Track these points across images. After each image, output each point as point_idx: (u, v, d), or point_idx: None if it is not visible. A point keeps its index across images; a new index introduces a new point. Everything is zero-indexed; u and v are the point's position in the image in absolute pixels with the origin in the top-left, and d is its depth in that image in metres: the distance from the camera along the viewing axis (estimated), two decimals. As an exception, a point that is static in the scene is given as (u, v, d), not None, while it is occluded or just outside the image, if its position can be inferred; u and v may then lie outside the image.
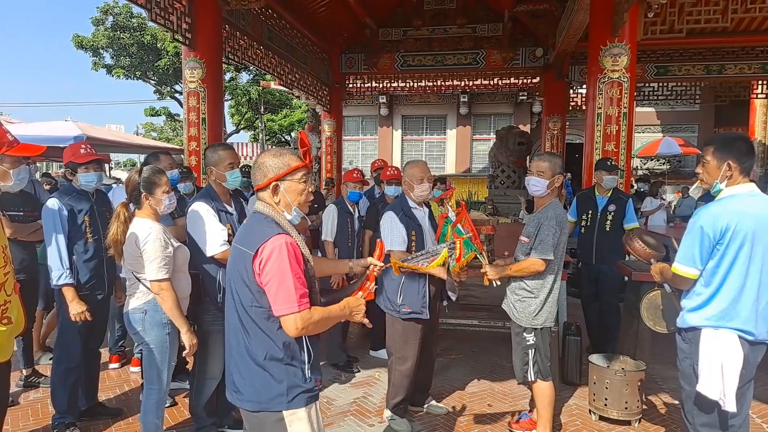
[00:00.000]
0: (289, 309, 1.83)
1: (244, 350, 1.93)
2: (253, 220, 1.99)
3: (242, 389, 1.95)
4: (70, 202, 3.29)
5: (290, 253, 1.85)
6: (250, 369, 1.92)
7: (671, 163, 17.09)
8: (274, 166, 1.97)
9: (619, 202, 4.70)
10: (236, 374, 1.97)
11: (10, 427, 3.52)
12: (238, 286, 1.91)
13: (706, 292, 2.42)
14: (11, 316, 2.33)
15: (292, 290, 1.83)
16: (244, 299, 1.90)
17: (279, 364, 1.90)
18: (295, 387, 1.92)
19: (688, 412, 2.55)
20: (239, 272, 1.90)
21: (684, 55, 10.39)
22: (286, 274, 1.83)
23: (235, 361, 1.96)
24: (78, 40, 22.05)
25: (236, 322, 1.94)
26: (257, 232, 1.90)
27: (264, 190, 1.98)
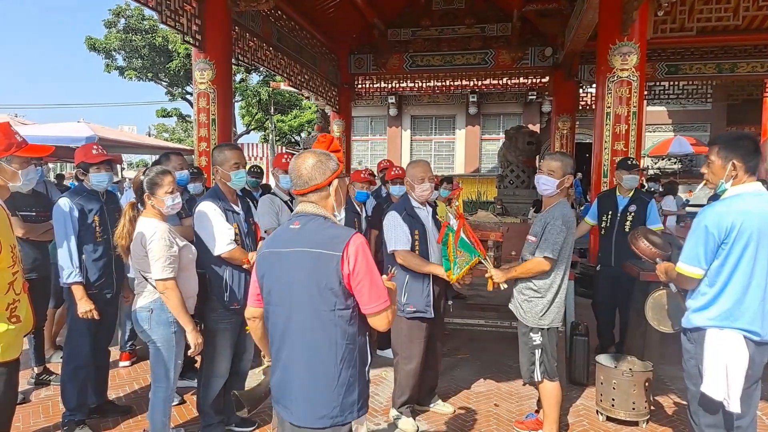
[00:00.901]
0: (383, 305, 1.82)
1: (317, 361, 1.83)
2: (313, 223, 1.89)
3: (310, 406, 1.83)
4: (81, 201, 3.34)
5: (370, 250, 1.86)
6: (324, 381, 1.82)
7: (683, 163, 16.93)
8: (330, 165, 1.94)
9: (640, 202, 4.58)
10: (300, 392, 1.85)
11: (21, 424, 3.57)
12: (314, 290, 1.81)
13: (711, 292, 2.40)
14: (20, 315, 2.36)
15: (381, 285, 1.84)
16: (323, 304, 1.81)
17: (354, 371, 1.84)
18: (363, 393, 1.89)
19: (694, 412, 2.53)
20: (317, 277, 1.80)
21: (695, 53, 10.27)
22: (374, 272, 1.83)
23: (301, 377, 1.84)
24: (91, 42, 22.29)
25: (311, 334, 1.83)
26: (333, 234, 1.84)
27: (322, 190, 1.92)
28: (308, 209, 1.92)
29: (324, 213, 1.92)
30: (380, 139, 19.16)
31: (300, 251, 1.84)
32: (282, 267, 1.87)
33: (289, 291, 1.86)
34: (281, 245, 1.90)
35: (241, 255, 3.15)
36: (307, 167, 1.92)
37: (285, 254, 1.87)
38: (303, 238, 1.86)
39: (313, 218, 1.90)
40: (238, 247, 3.14)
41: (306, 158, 1.94)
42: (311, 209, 1.92)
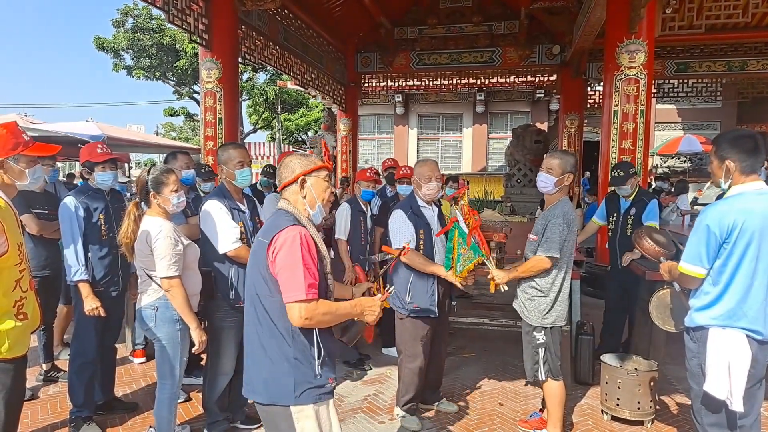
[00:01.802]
0: (295, 296, 1.85)
1: (257, 343, 1.98)
2: (275, 215, 2.06)
3: (254, 382, 2.00)
4: (86, 200, 3.37)
5: (303, 244, 1.89)
6: (261, 362, 1.97)
7: (692, 161, 16.79)
8: (300, 163, 2.08)
9: (640, 204, 4.56)
10: (250, 367, 2.02)
11: (30, 420, 3.61)
12: (255, 277, 1.97)
13: (714, 291, 2.39)
14: (27, 312, 2.39)
15: (301, 278, 1.85)
16: (259, 290, 1.95)
17: (288, 358, 1.93)
18: (303, 383, 1.94)
19: (697, 411, 2.53)
20: (256, 263, 1.97)
21: (704, 51, 10.20)
22: (296, 263, 1.86)
23: (250, 354, 2.02)
24: (99, 42, 22.47)
25: (252, 314, 2.00)
26: (274, 225, 1.97)
27: (291, 186, 2.07)
28: (281, 204, 2.09)
29: (289, 208, 2.05)
30: (387, 138, 19.17)
31: (256, 240, 2.05)
32: (250, 255, 2.07)
33: (248, 277, 2.05)
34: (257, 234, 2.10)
35: (246, 253, 3.14)
36: (282, 166, 2.12)
37: (254, 242, 2.08)
38: (262, 229, 2.07)
39: (278, 212, 2.07)
40: (243, 246, 3.16)
41: (285, 158, 2.14)
42: (282, 204, 2.08)
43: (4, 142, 2.33)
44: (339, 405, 3.92)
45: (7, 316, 2.29)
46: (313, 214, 2.09)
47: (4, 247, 2.25)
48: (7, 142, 2.34)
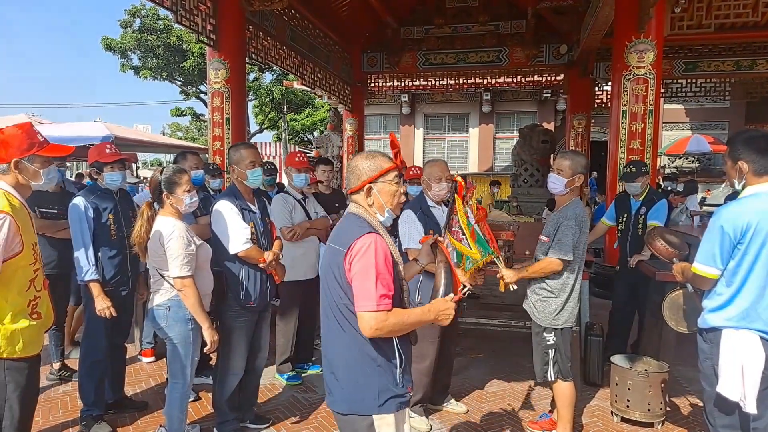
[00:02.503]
0: (366, 306, 1.81)
1: (338, 351, 1.94)
2: (346, 221, 2.00)
3: (334, 390, 1.95)
4: (95, 200, 3.38)
5: (378, 252, 1.84)
6: (343, 370, 1.93)
7: (700, 161, 16.71)
8: (367, 168, 1.98)
9: (650, 203, 4.53)
10: (329, 375, 1.98)
11: (41, 419, 3.63)
12: (331, 284, 1.92)
13: (727, 293, 2.38)
14: (41, 311, 2.41)
15: (373, 288, 1.81)
16: (336, 297, 1.91)
17: (372, 365, 1.89)
18: (386, 391, 1.90)
19: (709, 413, 2.52)
20: (332, 270, 1.92)
21: (713, 50, 10.14)
22: (370, 272, 1.82)
23: (329, 362, 1.98)
24: (107, 42, 22.56)
25: (332, 322, 1.94)
26: (349, 231, 1.91)
27: (358, 193, 2.00)
28: (351, 209, 2.03)
29: (360, 212, 1.98)
30: (393, 138, 19.14)
31: (329, 246, 1.99)
32: (323, 261, 2.03)
33: (323, 284, 1.98)
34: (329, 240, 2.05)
35: (257, 254, 3.17)
36: (348, 170, 2.04)
37: (327, 249, 2.02)
38: (333, 235, 2.01)
39: (348, 217, 2.01)
40: (254, 246, 3.17)
41: (357, 159, 2.04)
42: (353, 208, 2.02)
43: (19, 143, 2.35)
44: (348, 405, 3.92)
45: (21, 315, 2.32)
46: (383, 220, 2.01)
47: (19, 246, 2.28)
48: (22, 142, 2.36)
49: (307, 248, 4.24)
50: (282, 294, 4.15)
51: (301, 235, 4.11)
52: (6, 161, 2.34)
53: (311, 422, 3.67)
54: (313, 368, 4.54)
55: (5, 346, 2.26)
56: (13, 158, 2.34)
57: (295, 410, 3.83)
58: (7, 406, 2.31)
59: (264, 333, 3.45)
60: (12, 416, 2.32)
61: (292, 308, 4.26)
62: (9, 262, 2.25)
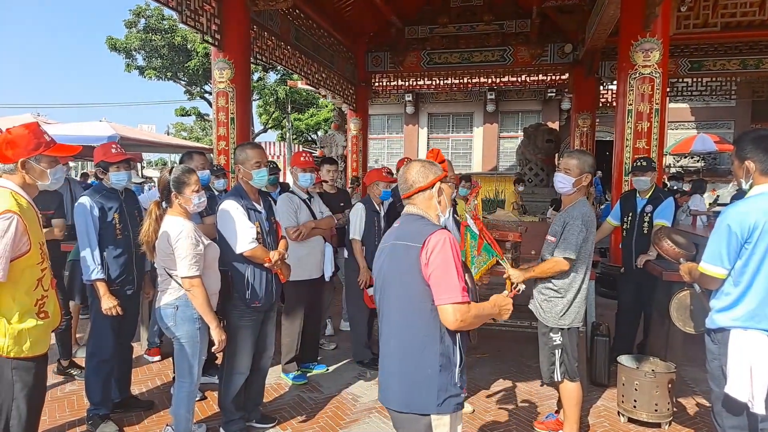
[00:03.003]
0: (450, 299, 1.85)
1: (401, 349, 1.96)
2: (408, 220, 2.07)
3: (392, 388, 1.98)
4: (101, 200, 3.39)
5: (453, 247, 1.91)
6: (404, 369, 1.95)
7: (706, 161, 16.63)
8: (433, 169, 2.09)
9: (656, 201, 4.49)
10: (386, 372, 2.02)
11: (48, 418, 3.64)
12: (401, 281, 1.96)
13: (735, 292, 2.37)
14: (48, 311, 2.41)
15: (456, 281, 1.86)
16: (408, 293, 1.94)
17: (434, 364, 1.91)
18: (445, 391, 1.93)
19: (717, 414, 2.51)
20: (401, 267, 1.96)
21: (719, 49, 10.08)
22: (450, 266, 1.87)
23: (388, 359, 2.01)
24: (112, 42, 22.62)
25: (397, 320, 1.98)
26: (419, 229, 1.97)
27: (424, 192, 2.06)
28: (410, 210, 2.10)
29: (423, 214, 2.06)
30: (397, 137, 19.14)
31: (395, 245, 2.02)
32: (381, 260, 2.09)
33: (388, 283, 2.03)
34: (385, 241, 2.12)
35: (262, 253, 3.17)
36: (413, 173, 2.09)
37: (386, 248, 2.08)
38: (398, 234, 2.05)
39: (409, 217, 2.08)
40: (260, 246, 3.17)
41: (412, 165, 2.12)
42: (412, 210, 2.09)
43: (26, 143, 2.36)
44: (353, 405, 3.93)
45: (28, 314, 2.32)
46: (444, 219, 2.10)
47: (26, 246, 2.28)
48: (29, 142, 2.36)
49: (312, 248, 4.24)
50: (287, 293, 4.15)
51: (306, 234, 4.12)
52: (13, 161, 2.34)
53: (317, 422, 3.67)
54: (318, 368, 4.54)
55: (12, 346, 2.26)
56: (20, 158, 2.34)
57: (300, 410, 3.83)
58: (15, 406, 2.31)
59: (269, 332, 3.45)
60: (20, 415, 2.33)
61: (297, 308, 4.27)
62: (16, 262, 2.25)
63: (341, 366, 4.69)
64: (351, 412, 3.82)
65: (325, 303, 5.00)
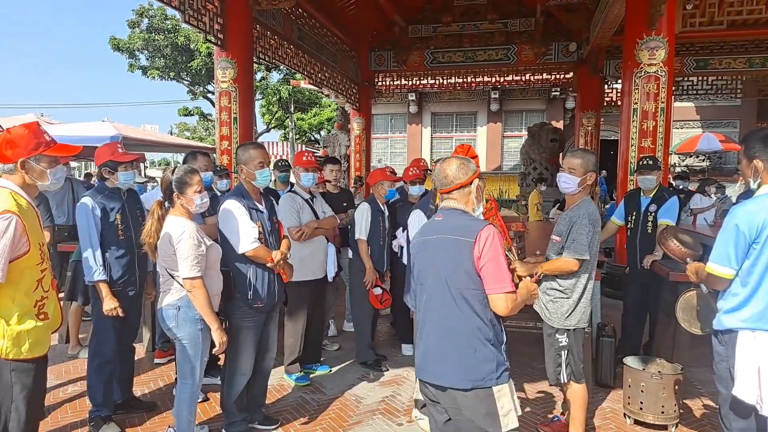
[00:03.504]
0: (503, 288, 2.06)
1: (459, 334, 2.12)
2: (452, 215, 2.21)
3: (454, 371, 2.12)
4: (103, 200, 3.37)
5: (500, 240, 2.11)
6: (464, 352, 2.11)
7: (711, 160, 16.55)
8: (471, 166, 2.27)
9: (660, 200, 4.45)
10: (443, 358, 2.15)
11: (50, 419, 3.63)
12: (453, 272, 2.11)
13: (743, 293, 2.33)
14: (48, 312, 2.39)
15: (506, 272, 2.08)
16: (460, 284, 2.10)
17: (488, 344, 2.11)
18: (501, 364, 2.13)
19: (725, 416, 2.47)
20: (453, 260, 2.11)
21: (725, 47, 10.04)
22: (500, 259, 2.08)
23: (449, 347, 2.14)
24: (115, 42, 22.66)
25: (453, 308, 2.12)
26: (467, 224, 2.15)
27: (464, 188, 2.23)
28: (450, 205, 2.25)
29: (464, 208, 2.24)
30: (400, 137, 19.12)
31: (445, 238, 2.15)
32: (428, 251, 2.20)
33: (433, 271, 2.17)
34: (429, 234, 2.24)
35: (265, 253, 3.15)
36: (452, 169, 2.24)
37: (431, 241, 2.20)
38: (445, 227, 2.18)
39: (452, 212, 2.23)
40: (262, 246, 3.15)
41: (451, 162, 2.27)
42: (453, 204, 2.24)
43: (25, 142, 2.34)
44: (357, 406, 3.90)
45: (28, 315, 2.31)
46: (478, 213, 2.28)
47: (25, 246, 2.26)
48: (28, 142, 2.35)
49: (314, 248, 4.22)
50: (290, 294, 4.13)
51: (309, 234, 4.09)
52: (13, 161, 2.33)
53: (320, 423, 3.64)
54: (321, 369, 4.51)
55: (11, 347, 2.24)
56: (20, 158, 2.33)
57: (303, 411, 3.81)
58: (14, 407, 2.30)
59: (272, 333, 3.43)
60: (19, 417, 2.31)
61: (300, 308, 4.24)
62: (16, 263, 2.23)
63: (344, 367, 4.67)
64: (354, 413, 3.79)
65: (328, 303, 4.98)
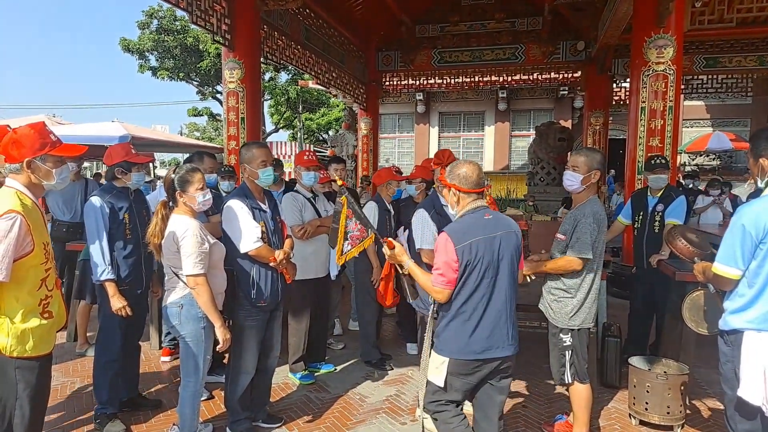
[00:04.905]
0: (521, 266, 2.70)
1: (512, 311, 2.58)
2: (493, 212, 2.59)
3: (514, 339, 2.60)
4: (111, 200, 3.40)
5: None
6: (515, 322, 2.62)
7: (722, 159, 16.39)
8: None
9: (667, 200, 4.41)
10: (514, 329, 2.60)
11: (56, 416, 3.66)
12: (515, 258, 2.54)
13: (749, 294, 2.30)
14: (52, 310, 2.42)
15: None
16: (516, 267, 2.56)
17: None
18: None
19: (730, 417, 2.45)
20: (518, 249, 2.57)
21: (735, 45, 9.93)
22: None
23: (512, 320, 2.58)
24: (125, 43, 22.85)
25: (512, 289, 2.55)
26: (509, 219, 2.62)
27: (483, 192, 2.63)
28: (485, 203, 2.61)
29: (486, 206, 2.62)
30: (408, 137, 19.11)
31: (508, 233, 2.52)
32: (499, 245, 2.47)
33: (505, 261, 2.49)
34: (491, 231, 2.48)
35: (267, 253, 3.16)
36: (481, 173, 2.61)
37: (499, 236, 2.49)
38: (502, 224, 2.55)
39: (489, 210, 2.59)
40: (265, 245, 3.15)
41: (475, 166, 2.62)
42: (484, 203, 2.60)
43: (31, 142, 2.36)
44: (361, 405, 3.90)
45: (32, 314, 2.33)
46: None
47: (29, 246, 2.28)
48: (34, 142, 2.37)
49: (317, 246, 4.22)
50: (293, 293, 4.14)
51: (311, 233, 4.09)
52: (18, 161, 2.35)
53: (324, 421, 3.65)
54: (326, 367, 4.52)
55: (15, 345, 2.27)
56: (26, 158, 2.35)
57: (307, 409, 3.82)
58: (18, 405, 2.32)
59: (275, 332, 3.44)
60: (23, 415, 2.33)
61: (303, 307, 4.24)
62: (20, 262, 2.25)
63: (349, 366, 4.67)
64: (358, 412, 3.79)
65: (332, 302, 4.98)
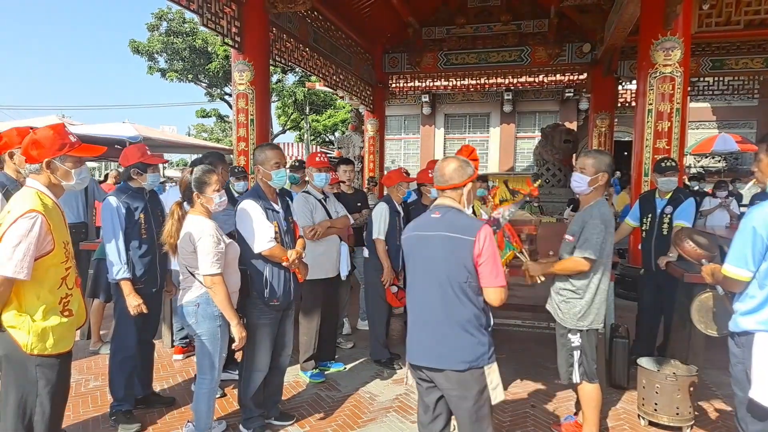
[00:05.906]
0: (498, 283, 2.28)
1: (454, 321, 2.31)
2: (449, 212, 2.37)
3: (452, 354, 2.31)
4: (127, 200, 3.46)
5: (494, 239, 2.32)
6: (461, 336, 2.31)
7: (727, 161, 16.34)
8: (468, 171, 2.42)
9: (676, 202, 4.42)
10: (440, 343, 2.33)
11: (72, 413, 3.72)
12: (452, 266, 2.29)
13: (760, 295, 2.32)
14: (72, 309, 2.46)
15: (501, 268, 2.30)
16: (459, 277, 2.28)
17: (481, 329, 2.34)
18: (491, 347, 2.38)
19: (741, 419, 2.46)
20: (455, 256, 2.28)
21: (742, 47, 9.89)
22: (497, 256, 2.30)
23: (442, 332, 2.33)
24: (134, 45, 23.01)
25: (448, 297, 2.31)
26: (467, 223, 2.33)
27: (457, 189, 2.40)
28: (446, 202, 2.41)
29: (458, 206, 2.40)
30: (414, 138, 19.13)
31: (444, 235, 2.31)
32: (425, 247, 2.36)
33: (432, 265, 2.33)
34: (425, 229, 2.39)
35: (280, 252, 3.21)
36: (449, 169, 2.40)
37: (428, 237, 2.36)
38: (443, 225, 2.33)
39: (448, 209, 2.38)
40: (278, 245, 3.20)
41: (450, 162, 2.43)
42: (448, 203, 2.40)
43: (51, 143, 2.41)
44: (370, 404, 3.94)
45: (52, 312, 2.37)
46: (468, 211, 2.47)
47: (50, 245, 2.33)
48: (54, 142, 2.42)
49: (328, 247, 4.27)
50: (304, 292, 4.19)
51: (322, 234, 4.14)
52: (38, 161, 2.40)
53: (335, 419, 3.69)
54: (336, 366, 4.56)
55: (36, 343, 2.31)
56: (45, 158, 2.39)
57: (318, 407, 3.86)
58: (38, 402, 2.36)
59: (288, 330, 3.49)
60: (43, 412, 2.37)
61: (314, 306, 4.29)
62: (40, 261, 2.30)
63: (358, 365, 4.71)
64: (368, 410, 3.83)
65: (342, 302, 5.02)
